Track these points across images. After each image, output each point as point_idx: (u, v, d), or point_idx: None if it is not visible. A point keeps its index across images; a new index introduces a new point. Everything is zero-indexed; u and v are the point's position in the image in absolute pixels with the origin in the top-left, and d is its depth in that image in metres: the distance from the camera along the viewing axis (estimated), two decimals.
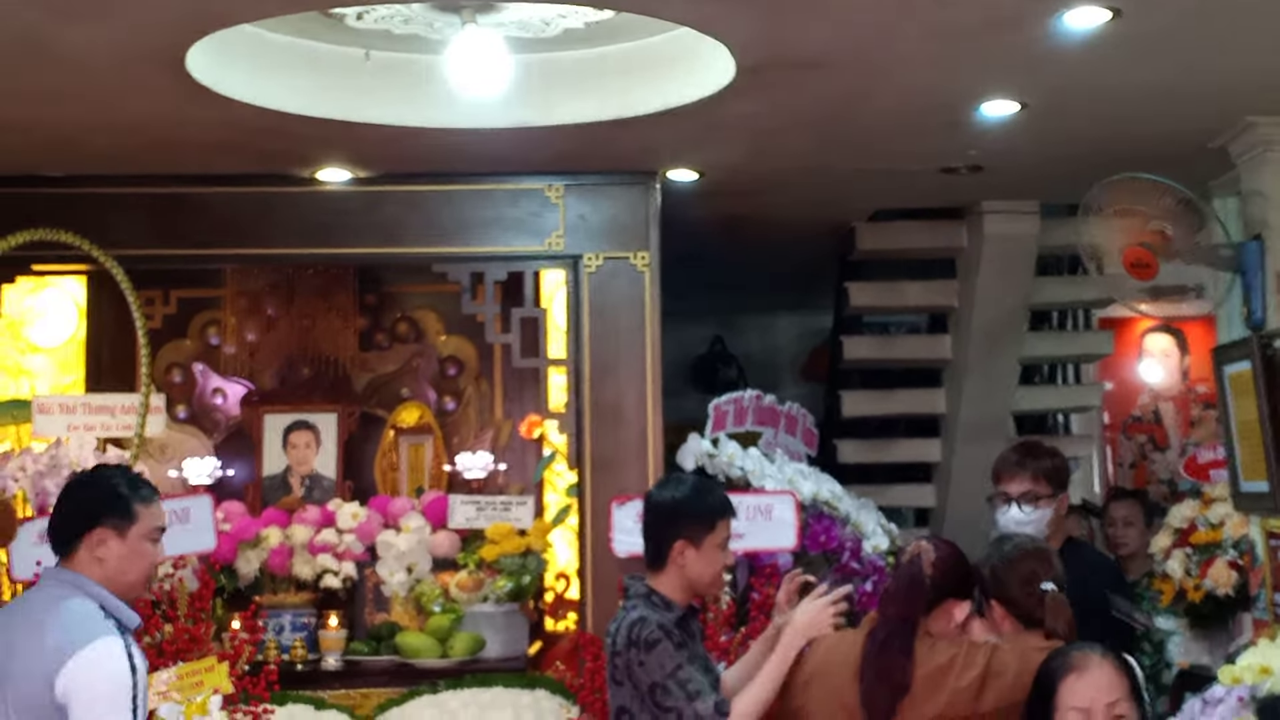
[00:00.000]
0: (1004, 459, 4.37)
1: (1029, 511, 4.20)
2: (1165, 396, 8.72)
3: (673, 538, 3.74)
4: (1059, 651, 3.24)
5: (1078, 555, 4.20)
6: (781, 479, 6.07)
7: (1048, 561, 3.67)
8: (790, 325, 11.71)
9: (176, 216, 6.33)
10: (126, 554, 3.46)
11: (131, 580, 3.50)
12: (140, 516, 3.50)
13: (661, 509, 3.82)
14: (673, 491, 3.83)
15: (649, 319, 6.32)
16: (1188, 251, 5.54)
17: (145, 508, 3.52)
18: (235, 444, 7.25)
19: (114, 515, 3.47)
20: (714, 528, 3.76)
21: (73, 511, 3.52)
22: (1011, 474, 4.28)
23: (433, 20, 4.94)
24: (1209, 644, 5.67)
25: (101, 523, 3.45)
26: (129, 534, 3.47)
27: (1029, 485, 4.23)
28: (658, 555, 3.78)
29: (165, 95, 5.00)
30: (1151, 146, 5.71)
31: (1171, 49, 4.68)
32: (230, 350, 7.37)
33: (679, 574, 3.75)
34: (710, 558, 3.76)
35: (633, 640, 3.61)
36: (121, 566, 3.46)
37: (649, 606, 3.69)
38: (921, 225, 7.77)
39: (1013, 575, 3.62)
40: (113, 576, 3.45)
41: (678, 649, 3.60)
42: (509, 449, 7.21)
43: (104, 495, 3.50)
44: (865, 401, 8.41)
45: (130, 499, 3.50)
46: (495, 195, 6.38)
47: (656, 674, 3.57)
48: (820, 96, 5.16)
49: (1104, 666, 3.12)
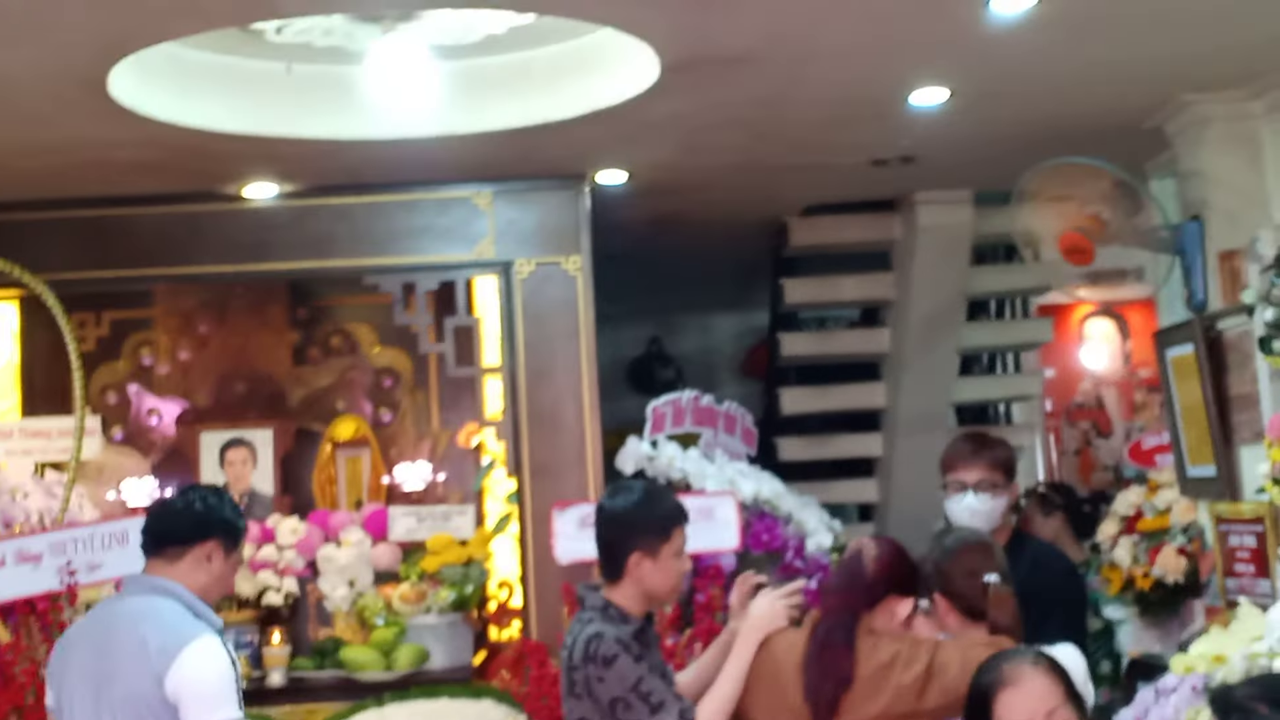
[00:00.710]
0: (957, 448, 4.33)
1: (984, 500, 4.17)
2: (1107, 382, 8.76)
3: (628, 550, 3.66)
4: (989, 665, 3.16)
5: (1025, 547, 4.17)
6: (722, 479, 6.04)
7: (990, 554, 3.64)
8: (727, 324, 11.69)
9: (105, 238, 6.30)
10: (229, 571, 3.80)
11: (222, 591, 3.86)
12: (241, 539, 3.85)
13: (614, 520, 3.73)
14: (624, 501, 3.75)
15: (583, 323, 6.30)
16: (1125, 235, 5.52)
17: (243, 531, 3.87)
18: (172, 464, 7.16)
19: (226, 534, 3.76)
20: (670, 537, 3.69)
21: (189, 522, 3.74)
22: (967, 462, 4.24)
23: (353, 31, 4.89)
24: (1160, 632, 5.66)
25: (214, 536, 3.72)
26: (234, 555, 3.80)
27: (985, 473, 4.20)
28: (613, 567, 3.69)
29: (89, 117, 4.97)
30: (1085, 129, 5.70)
31: (1101, 29, 4.65)
32: (164, 370, 7.32)
33: (636, 585, 3.68)
34: (668, 567, 3.69)
35: (590, 656, 3.54)
36: (223, 578, 3.79)
37: (605, 620, 3.62)
38: (855, 218, 7.76)
39: (956, 568, 3.59)
40: (210, 586, 3.74)
41: (637, 662, 3.54)
42: (447, 459, 7.15)
43: (222, 514, 3.77)
44: (804, 398, 8.39)
45: (239, 524, 3.83)
46: (424, 205, 6.35)
47: (617, 689, 3.51)
48: (747, 92, 5.13)
49: (1036, 676, 3.04)
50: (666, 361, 11.63)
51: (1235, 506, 5.10)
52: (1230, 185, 5.44)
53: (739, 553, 5.78)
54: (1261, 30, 4.49)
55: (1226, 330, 5.26)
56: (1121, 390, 8.69)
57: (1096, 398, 8.73)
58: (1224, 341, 5.27)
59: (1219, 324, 5.29)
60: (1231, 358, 5.24)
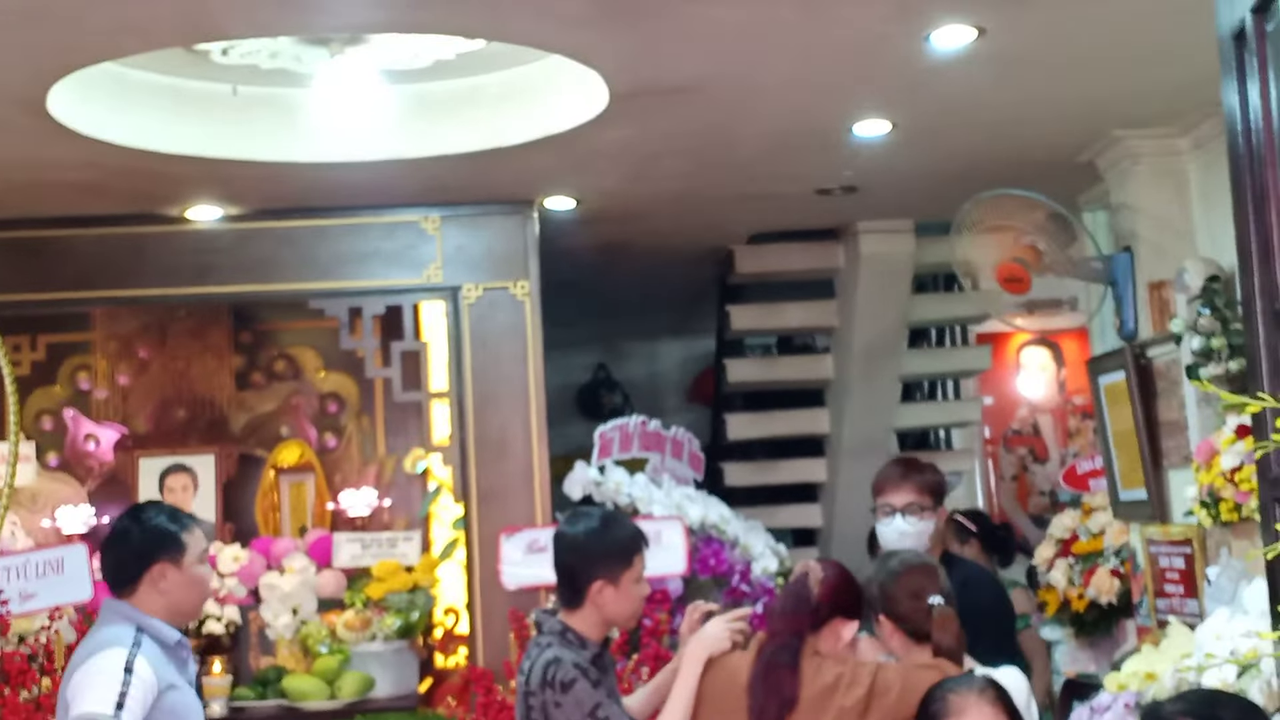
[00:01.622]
0: (886, 473, 4.40)
1: (913, 522, 4.23)
2: (1043, 409, 8.87)
3: (589, 578, 3.65)
4: (935, 694, 3.22)
5: (955, 568, 4.21)
6: (669, 504, 6.07)
7: (934, 576, 3.68)
8: (674, 350, 11.74)
9: (43, 260, 6.21)
10: (185, 582, 3.64)
11: (195, 604, 3.75)
12: (189, 545, 3.67)
13: (575, 548, 3.72)
14: (584, 528, 3.75)
15: (531, 348, 6.30)
16: (1059, 265, 5.63)
17: (190, 535, 3.69)
18: (110, 490, 7.06)
19: (167, 549, 3.63)
20: (631, 564, 3.70)
21: (128, 554, 3.66)
22: (895, 486, 4.31)
23: (300, 54, 4.88)
24: (1094, 652, 5.75)
25: (158, 558, 3.62)
26: (183, 563, 3.64)
27: (913, 497, 4.26)
28: (574, 594, 3.68)
29: (26, 136, 4.90)
30: (1021, 162, 5.81)
31: (1036, 66, 4.76)
32: (102, 395, 7.20)
33: (597, 612, 3.67)
34: (629, 594, 3.69)
35: (548, 681, 3.54)
36: (184, 595, 3.66)
37: (564, 645, 3.62)
38: (799, 246, 7.82)
39: (900, 590, 3.62)
40: (178, 604, 3.65)
41: (595, 687, 3.54)
42: (393, 485, 7.12)
43: (154, 533, 3.65)
44: (750, 424, 8.45)
45: (178, 532, 3.67)
46: (370, 229, 6.33)
47: (574, 714, 3.51)
48: (693, 122, 5.18)
49: (981, 703, 3.11)
50: (613, 387, 11.65)
51: (1165, 528, 5.20)
52: (1159, 218, 5.57)
53: (686, 578, 5.80)
54: (1186, 71, 4.60)
55: (1156, 358, 5.38)
56: (1057, 417, 8.82)
57: (1033, 424, 8.85)
58: (1153, 369, 5.39)
59: (1149, 352, 5.41)
60: (1160, 385, 5.35)
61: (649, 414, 6.95)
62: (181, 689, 3.56)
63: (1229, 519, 4.31)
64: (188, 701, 3.58)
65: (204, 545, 3.73)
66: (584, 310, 9.19)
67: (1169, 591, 5.10)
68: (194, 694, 3.65)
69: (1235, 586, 3.77)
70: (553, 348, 6.50)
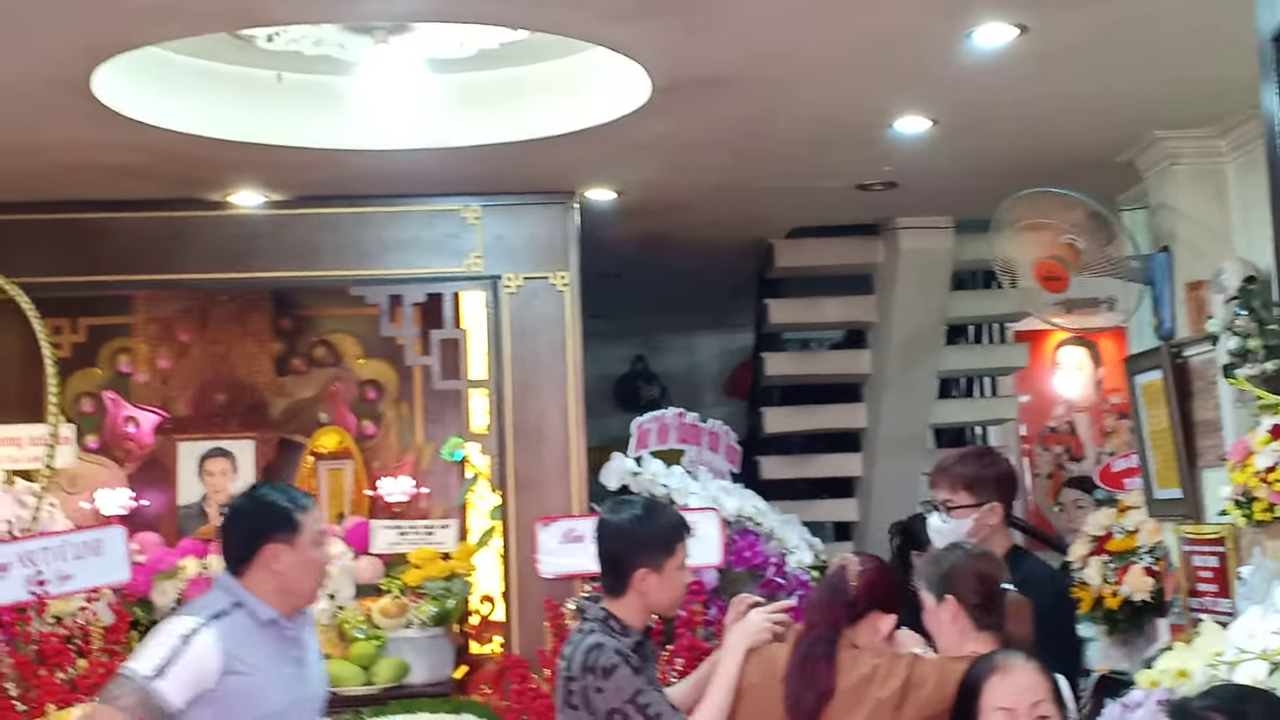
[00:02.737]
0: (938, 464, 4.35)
1: (948, 519, 4.19)
2: (1080, 407, 8.85)
3: (633, 566, 3.66)
4: (982, 657, 3.27)
5: (1019, 565, 4.08)
6: (705, 496, 6.07)
7: (1001, 566, 3.69)
8: (711, 343, 11.76)
9: (85, 243, 6.25)
10: (299, 562, 3.61)
11: (310, 586, 3.68)
12: (304, 525, 3.63)
13: (619, 535, 3.73)
14: (627, 516, 3.75)
15: (570, 339, 6.32)
16: (1098, 264, 5.62)
17: (306, 515, 3.65)
18: (149, 473, 7.12)
19: (282, 529, 3.60)
20: (674, 551, 3.70)
21: (242, 533, 3.65)
22: (936, 480, 4.26)
23: (345, 42, 4.90)
24: (1127, 649, 5.73)
25: (272, 538, 3.58)
26: (298, 543, 3.61)
27: (946, 494, 4.21)
28: (617, 582, 3.69)
29: (71, 119, 4.94)
30: (1061, 161, 5.80)
31: (1078, 65, 4.75)
32: (142, 378, 7.25)
33: (640, 600, 3.69)
34: (672, 581, 3.70)
35: (589, 666, 3.56)
36: (297, 575, 3.62)
37: (606, 631, 3.63)
38: (838, 242, 7.82)
39: (969, 572, 3.61)
40: (290, 586, 3.61)
41: (635, 674, 3.55)
42: (431, 472, 7.16)
43: (269, 513, 3.63)
44: (787, 417, 8.45)
45: (292, 511, 3.64)
46: (412, 217, 6.36)
47: (615, 700, 3.52)
48: (734, 114, 5.19)
49: (1027, 668, 3.17)
50: (651, 379, 11.69)
51: (1199, 528, 5.17)
52: (1197, 219, 5.57)
53: (721, 569, 5.81)
54: (1226, 72, 4.59)
55: (1192, 358, 5.35)
56: (1093, 416, 8.78)
57: (1069, 423, 8.82)
58: (1190, 368, 5.36)
59: (1185, 352, 5.38)
60: (1197, 384, 5.33)
61: (686, 406, 6.97)
62: (254, 673, 3.50)
63: (1263, 519, 4.28)
64: (256, 686, 3.49)
65: (320, 527, 3.70)
66: (623, 302, 9.21)
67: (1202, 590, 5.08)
68: (282, 675, 3.58)
69: (1268, 586, 3.75)
70: (591, 339, 6.52)
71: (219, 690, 3.44)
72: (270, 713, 3.53)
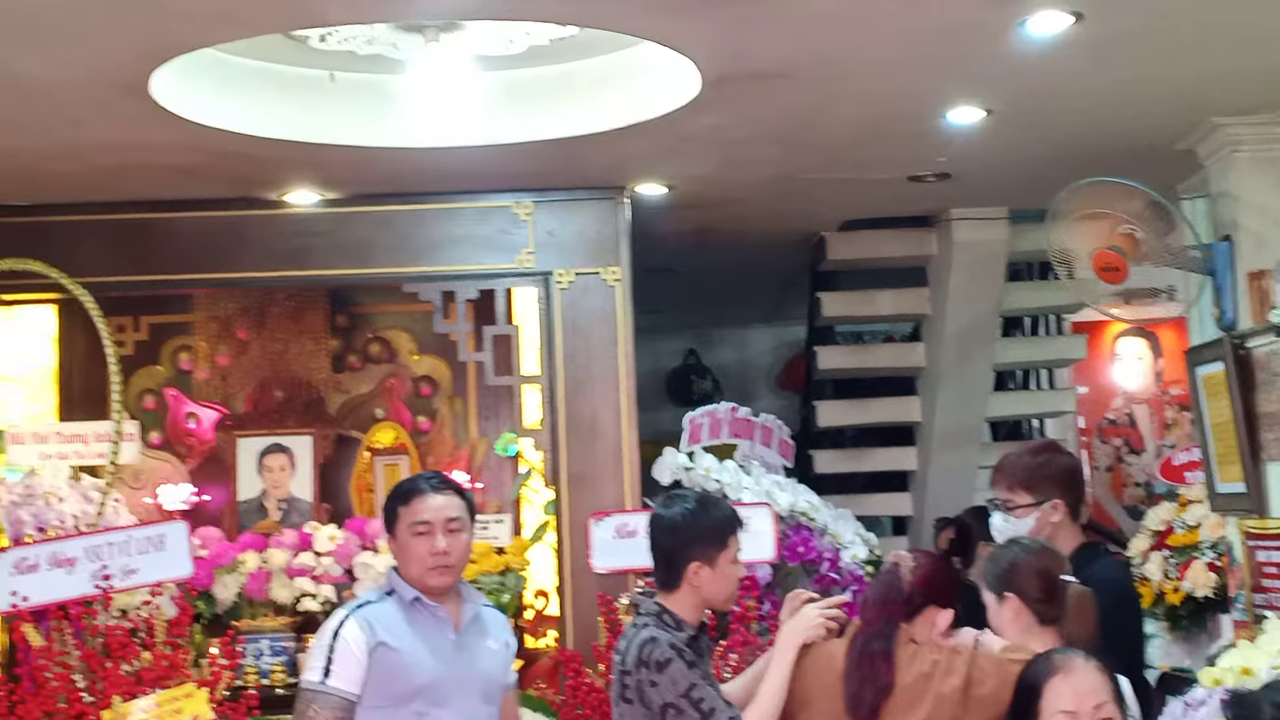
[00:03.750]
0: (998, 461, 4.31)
1: (1008, 518, 4.15)
2: (1139, 399, 8.76)
3: (686, 559, 3.67)
4: (1042, 656, 3.24)
5: (1085, 564, 3.97)
6: (758, 491, 6.06)
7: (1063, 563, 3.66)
8: (764, 337, 11.74)
9: (145, 242, 6.33)
10: (723, 575, 3.69)
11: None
12: (401, 516, 3.79)
13: (671, 530, 3.74)
14: (680, 510, 3.75)
15: (622, 334, 6.33)
16: (1157, 254, 5.55)
17: (405, 507, 3.79)
18: (210, 469, 7.21)
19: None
20: (726, 545, 3.71)
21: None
22: (993, 479, 4.22)
23: (396, 40, 4.93)
24: (1189, 646, 5.67)
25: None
26: (396, 532, 3.79)
27: (1004, 493, 4.16)
28: (671, 576, 3.71)
29: (130, 121, 5.00)
30: (1118, 150, 5.74)
31: (1134, 52, 4.70)
32: (202, 375, 7.34)
33: (694, 594, 3.70)
34: (725, 574, 3.71)
35: (643, 660, 3.57)
36: (400, 559, 3.80)
37: (660, 626, 3.65)
38: (891, 234, 7.79)
39: (1032, 568, 3.58)
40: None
41: (690, 668, 3.56)
42: (485, 467, 7.20)
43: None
44: (840, 411, 8.43)
45: (394, 506, 3.81)
46: (464, 213, 6.39)
47: (669, 694, 3.53)
48: (786, 107, 5.18)
49: (1089, 669, 3.13)
50: (703, 373, 11.69)
51: (1263, 522, 5.12)
52: (1259, 207, 5.49)
53: (775, 564, 5.80)
54: None
55: (1255, 349, 5.28)
56: (1153, 408, 8.69)
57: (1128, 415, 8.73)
58: (1253, 360, 5.29)
59: (1248, 342, 5.31)
60: (1260, 376, 5.26)
61: (738, 400, 6.96)
62: (402, 649, 3.68)
63: None
64: (404, 660, 3.68)
65: (417, 518, 3.76)
66: (674, 296, 9.21)
67: (1266, 586, 5.02)
68: (433, 651, 3.73)
69: None
70: (643, 333, 6.52)
71: (373, 665, 3.66)
72: (423, 684, 3.70)
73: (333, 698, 3.63)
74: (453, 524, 3.79)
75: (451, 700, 3.72)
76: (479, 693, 3.81)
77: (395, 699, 3.66)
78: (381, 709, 3.66)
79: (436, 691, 3.70)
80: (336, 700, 3.63)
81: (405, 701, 3.67)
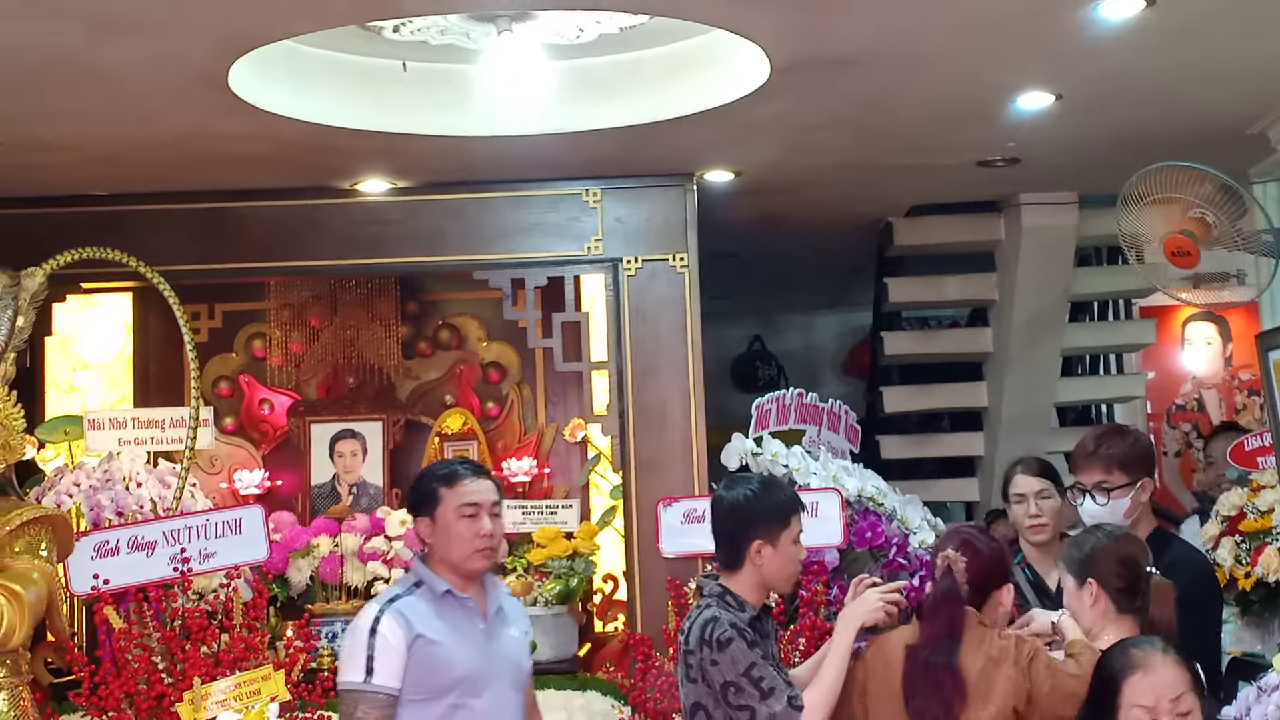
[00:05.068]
0: (1079, 447, 4.24)
1: (1103, 502, 4.11)
2: (1208, 384, 8.66)
3: (749, 539, 3.73)
4: (1120, 648, 3.23)
5: (1166, 549, 4.00)
6: (825, 476, 6.06)
7: (1145, 549, 3.65)
8: (830, 322, 11.72)
9: (220, 231, 6.41)
10: (786, 554, 3.74)
11: (456, 555, 3.78)
12: (444, 498, 3.78)
13: (733, 510, 3.80)
14: (742, 491, 3.81)
15: (689, 320, 6.35)
16: (1229, 238, 5.52)
17: (450, 489, 3.79)
18: (283, 454, 7.32)
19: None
20: (788, 524, 3.76)
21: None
22: (1084, 464, 4.16)
23: (469, 30, 4.98)
24: (1261, 632, 5.63)
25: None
26: (438, 515, 3.77)
27: (1101, 475, 4.11)
28: (734, 556, 3.77)
29: (207, 111, 5.07)
30: (1189, 134, 5.69)
31: (1207, 36, 4.66)
32: (276, 362, 7.42)
33: (756, 574, 3.75)
34: (787, 554, 3.76)
35: (705, 639, 3.62)
36: (440, 542, 3.79)
37: (722, 606, 3.70)
38: (959, 219, 7.77)
39: (1112, 554, 3.58)
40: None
41: (751, 648, 3.61)
42: (553, 453, 7.25)
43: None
44: (906, 397, 8.42)
45: (436, 488, 3.80)
46: (533, 201, 6.43)
47: (729, 673, 3.58)
48: (854, 93, 5.18)
49: (1167, 663, 3.13)
50: (769, 359, 11.68)
51: None
52: None
53: (842, 549, 5.81)
54: None
55: None
56: (1222, 392, 8.59)
57: (1197, 399, 8.64)
58: None
59: None
60: None
61: (803, 386, 6.95)
62: (440, 641, 3.69)
63: None
64: (442, 652, 3.69)
65: (465, 500, 3.78)
66: (740, 282, 9.22)
67: None
68: (468, 642, 3.75)
69: None
70: (708, 319, 6.53)
71: (412, 658, 3.65)
72: (461, 676, 3.71)
73: (379, 696, 3.62)
74: (495, 508, 3.85)
75: (486, 690, 3.75)
76: (510, 682, 3.85)
77: (434, 691, 3.67)
78: (420, 702, 3.67)
79: (472, 682, 3.73)
80: (383, 698, 3.62)
81: (443, 694, 3.68)
